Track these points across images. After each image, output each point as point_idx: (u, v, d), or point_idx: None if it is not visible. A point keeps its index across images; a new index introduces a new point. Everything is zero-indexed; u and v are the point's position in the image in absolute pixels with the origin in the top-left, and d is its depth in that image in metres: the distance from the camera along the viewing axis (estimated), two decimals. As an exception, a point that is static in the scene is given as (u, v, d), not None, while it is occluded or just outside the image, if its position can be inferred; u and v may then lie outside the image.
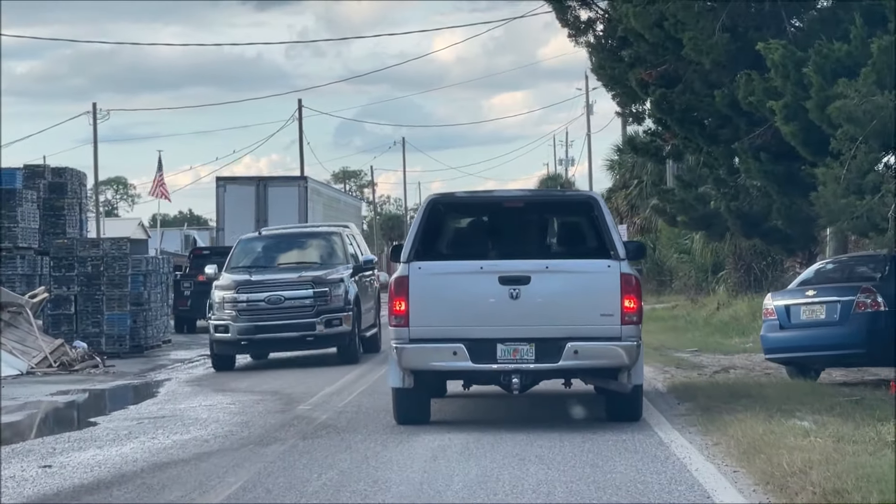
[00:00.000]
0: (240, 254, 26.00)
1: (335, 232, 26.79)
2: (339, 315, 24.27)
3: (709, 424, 14.28)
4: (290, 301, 24.13)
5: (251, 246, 26.34)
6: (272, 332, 24.21)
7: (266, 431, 15.12)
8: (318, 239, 26.55)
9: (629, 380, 14.65)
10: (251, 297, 24.23)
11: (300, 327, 24.13)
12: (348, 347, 24.60)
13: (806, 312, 19.40)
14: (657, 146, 23.18)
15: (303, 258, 25.93)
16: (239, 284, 24.37)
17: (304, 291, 24.25)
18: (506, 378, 14.57)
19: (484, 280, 14.50)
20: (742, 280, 39.53)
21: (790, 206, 19.58)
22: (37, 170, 33.07)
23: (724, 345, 28.18)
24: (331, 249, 25.95)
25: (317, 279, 24.41)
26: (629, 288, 14.43)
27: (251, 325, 24.17)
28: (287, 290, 24.24)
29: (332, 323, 24.21)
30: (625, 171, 56.66)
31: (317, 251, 26.17)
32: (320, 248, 26.20)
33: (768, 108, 17.69)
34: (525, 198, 16.24)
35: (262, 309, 24.16)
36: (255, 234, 28.16)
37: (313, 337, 24.29)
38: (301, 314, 24.09)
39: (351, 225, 29.05)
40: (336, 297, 24.30)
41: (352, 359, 24.47)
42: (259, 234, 27.82)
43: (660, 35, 19.42)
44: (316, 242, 26.50)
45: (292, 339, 24.33)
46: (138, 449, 14.06)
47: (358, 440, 14.06)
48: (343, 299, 24.40)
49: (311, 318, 24.10)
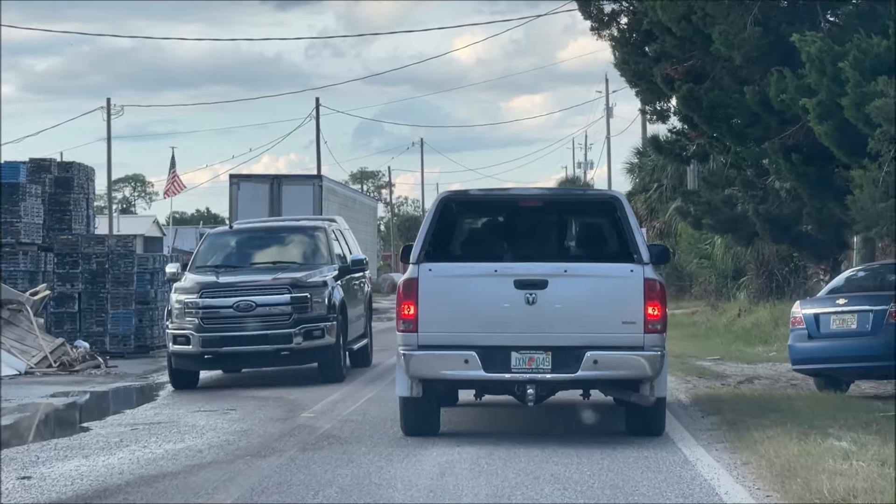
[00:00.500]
0: (207, 251, 22.43)
1: (318, 227, 22.93)
2: (321, 325, 20.60)
3: (737, 441, 13.39)
4: (264, 308, 20.46)
5: (221, 242, 22.81)
6: (241, 345, 20.46)
7: (265, 441, 14.24)
8: (299, 234, 22.83)
9: (652, 392, 13.78)
10: (217, 303, 20.51)
11: (274, 339, 20.45)
12: (331, 363, 20.98)
13: (836, 322, 18.70)
14: (682, 146, 22.29)
15: (280, 257, 22.42)
16: (203, 287, 20.66)
17: (279, 297, 20.56)
18: (520, 388, 13.74)
19: (498, 284, 13.67)
20: (764, 286, 39.08)
21: (821, 210, 18.72)
22: (42, 163, 32.19)
23: (747, 353, 27.53)
24: (314, 247, 22.36)
25: (295, 282, 20.75)
26: (653, 294, 13.57)
27: (216, 337, 20.39)
28: (260, 295, 20.54)
29: (312, 334, 20.52)
30: (644, 175, 56.03)
31: (297, 249, 22.55)
32: (301, 246, 22.55)
33: (801, 105, 16.82)
34: (543, 197, 15.31)
35: (230, 317, 20.42)
36: (225, 227, 24.69)
37: (290, 351, 20.55)
38: (276, 324, 20.44)
39: (338, 219, 25.14)
40: (318, 304, 20.63)
41: (335, 376, 20.94)
42: (230, 227, 24.21)
43: (687, 29, 18.54)
44: (296, 239, 22.76)
45: (265, 353, 20.61)
46: (126, 459, 13.19)
47: (361, 453, 13.18)
48: (326, 306, 20.73)
49: (287, 329, 20.41)
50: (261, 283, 20.76)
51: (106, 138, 70.52)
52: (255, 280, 20.92)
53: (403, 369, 13.79)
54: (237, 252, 22.39)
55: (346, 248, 23.39)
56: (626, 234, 14.18)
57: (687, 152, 22.62)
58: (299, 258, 22.14)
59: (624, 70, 21.59)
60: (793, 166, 18.38)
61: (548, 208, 15.51)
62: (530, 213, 15.45)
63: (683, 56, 19.72)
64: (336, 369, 20.95)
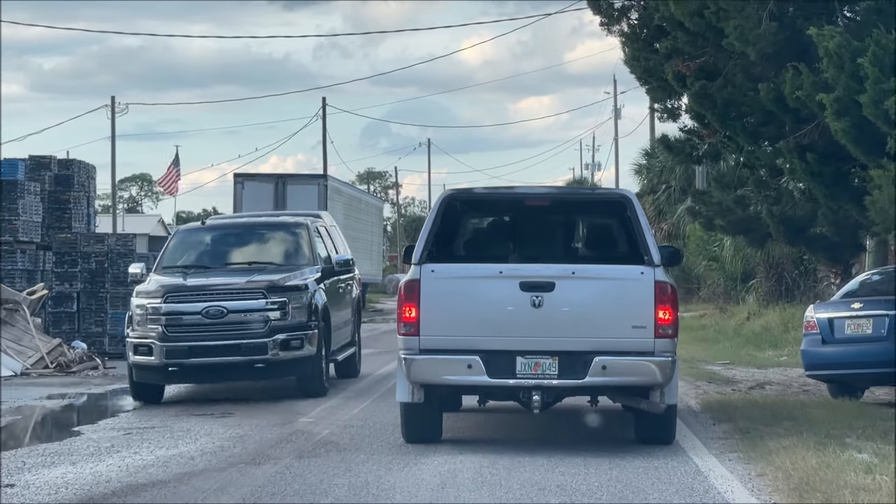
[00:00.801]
0: (175, 250, 20.15)
1: (300, 223, 20.50)
2: (301, 334, 18.42)
3: (750, 451, 12.86)
4: (236, 314, 18.24)
5: (191, 240, 20.49)
6: (210, 356, 18.22)
7: (260, 448, 13.72)
8: (279, 232, 20.61)
9: (662, 399, 13.26)
10: (183, 309, 18.31)
11: (248, 350, 18.24)
12: (312, 377, 18.73)
13: (851, 326, 18.24)
14: (693, 145, 21.74)
15: (257, 257, 20.16)
16: (168, 291, 18.44)
17: (253, 302, 18.32)
18: (525, 395, 13.21)
19: (503, 286, 13.16)
20: (773, 289, 38.77)
21: (837, 212, 18.19)
22: (42, 161, 31.90)
23: (758, 357, 27.10)
24: (295, 246, 20.12)
25: (272, 285, 18.53)
26: (664, 297, 13.05)
27: (182, 347, 18.20)
28: (232, 300, 18.32)
29: (290, 344, 18.35)
30: (653, 176, 55.58)
31: (276, 248, 20.33)
32: (281, 244, 20.34)
33: (817, 102, 16.29)
34: (550, 196, 14.78)
35: (198, 325, 18.24)
36: (196, 224, 22.14)
37: (265, 363, 18.32)
38: (249, 332, 18.25)
39: (324, 215, 22.82)
40: (297, 310, 18.46)
41: (316, 391, 18.73)
42: (202, 223, 21.75)
43: (700, 24, 18.00)
44: (275, 236, 20.55)
45: (237, 365, 18.34)
46: (115, 466, 12.67)
47: (359, 461, 12.66)
48: (306, 312, 18.56)
49: (262, 338, 18.21)
50: (233, 287, 18.55)
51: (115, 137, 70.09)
52: (227, 283, 18.70)
53: (404, 374, 13.28)
54: (209, 251, 20.21)
55: (332, 247, 21.24)
56: (636, 234, 13.67)
57: (698, 152, 22.08)
58: (278, 258, 20.01)
59: (634, 67, 21.05)
60: (808, 166, 17.86)
61: (555, 208, 14.99)
62: (537, 212, 14.96)
63: (695, 52, 19.18)
64: (317, 383, 18.77)
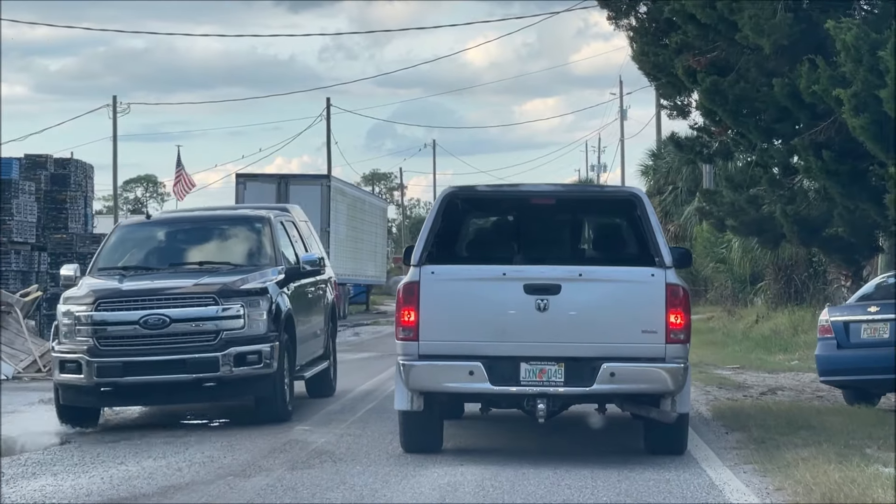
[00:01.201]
0: (115, 248, 17.40)
1: (261, 217, 17.66)
2: (259, 347, 15.57)
3: (767, 463, 12.23)
4: (181, 324, 15.49)
5: (134, 237, 17.65)
6: (150, 374, 15.43)
7: (252, 458, 13.09)
8: (236, 227, 17.74)
9: (673, 408, 12.64)
10: (117, 318, 15.54)
11: (195, 366, 15.41)
12: (272, 398, 15.93)
13: (867, 330, 17.70)
14: (703, 143, 21.11)
15: (210, 256, 17.27)
16: (100, 297, 15.69)
17: (202, 309, 15.55)
18: (530, 403, 12.59)
19: (507, 288, 12.54)
20: (782, 291, 38.42)
21: (854, 211, 17.58)
22: (38, 160, 31.49)
23: (768, 362, 26.65)
24: (255, 243, 17.31)
25: (224, 289, 15.69)
26: (676, 301, 12.44)
27: (116, 363, 15.44)
28: (176, 307, 15.55)
29: (246, 359, 15.52)
30: (659, 177, 55.36)
31: (233, 246, 17.51)
32: (238, 242, 17.52)
33: (834, 97, 15.68)
34: (557, 194, 14.12)
35: (135, 336, 15.49)
36: (140, 217, 18.76)
37: (216, 381, 15.52)
38: (197, 345, 15.50)
39: (294, 208, 19.93)
40: (254, 319, 15.65)
41: (277, 414, 16.00)
42: (147, 217, 18.54)
43: (712, 16, 17.39)
44: (232, 233, 17.68)
45: (182, 384, 15.55)
46: (98, 478, 12.05)
47: (355, 473, 12.03)
48: (265, 322, 15.72)
49: (212, 352, 15.43)
50: (178, 291, 15.76)
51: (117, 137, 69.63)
52: (171, 287, 15.90)
53: (403, 381, 12.66)
54: (154, 250, 17.43)
55: (301, 245, 18.45)
56: (646, 235, 13.06)
57: (709, 150, 21.45)
58: (235, 258, 17.14)
59: (642, 63, 20.43)
60: (824, 164, 17.25)
61: (562, 206, 14.37)
62: (542, 211, 14.35)
63: (707, 46, 18.57)
64: (278, 405, 15.98)
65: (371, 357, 27.34)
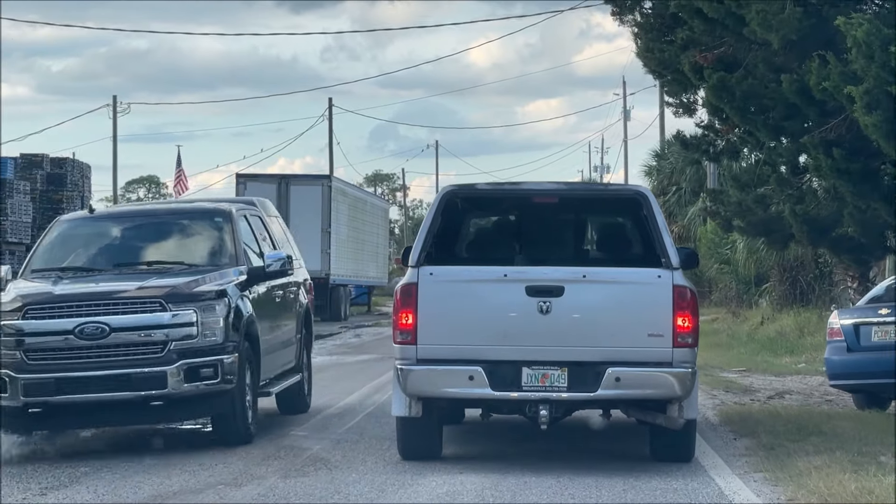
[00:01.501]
0: (52, 247, 15.31)
1: (220, 211, 15.52)
2: (215, 359, 13.48)
3: (778, 471, 11.81)
4: (123, 333, 13.31)
5: (74, 234, 15.51)
6: (86, 392, 13.27)
7: (244, 465, 12.65)
8: (191, 222, 15.64)
9: (681, 414, 12.22)
10: (49, 327, 13.38)
11: (140, 382, 13.24)
12: (231, 417, 13.88)
13: (878, 333, 17.43)
14: (710, 141, 20.70)
15: (161, 255, 15.13)
16: (29, 303, 13.54)
17: (148, 316, 13.38)
18: (532, 409, 12.18)
19: (508, 290, 12.12)
20: (787, 293, 38.25)
21: (865, 211, 17.17)
22: (34, 159, 31.23)
23: (774, 364, 26.34)
24: (213, 240, 15.21)
25: (174, 293, 13.57)
26: (683, 303, 12.02)
27: (48, 380, 13.25)
28: (117, 314, 13.36)
29: (199, 373, 13.41)
30: (663, 178, 55.16)
31: (187, 243, 15.40)
32: (194, 239, 15.43)
33: (846, 94, 15.25)
34: (560, 192, 13.66)
35: (69, 348, 13.34)
36: (83, 213, 16.71)
37: (164, 399, 13.37)
38: (141, 357, 13.31)
39: (261, 201, 17.62)
40: (210, 326, 13.53)
41: (235, 435, 13.96)
42: (90, 211, 16.45)
43: (720, 10, 16.97)
44: (186, 228, 15.56)
45: (125, 403, 13.37)
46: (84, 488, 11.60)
47: (351, 481, 11.61)
48: (222, 330, 13.57)
49: (159, 366, 13.29)
50: (120, 295, 13.56)
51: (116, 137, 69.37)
52: (112, 291, 13.70)
53: (400, 386, 12.23)
54: (97, 248, 15.23)
55: (268, 243, 16.33)
56: (652, 234, 12.64)
57: (715, 148, 21.04)
58: (190, 257, 15.02)
59: (647, 59, 20.01)
60: (834, 162, 16.84)
61: (565, 205, 13.93)
62: (545, 210, 13.93)
63: (714, 42, 18.15)
64: (237, 426, 13.95)
65: (371, 359, 26.97)
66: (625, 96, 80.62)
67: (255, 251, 15.58)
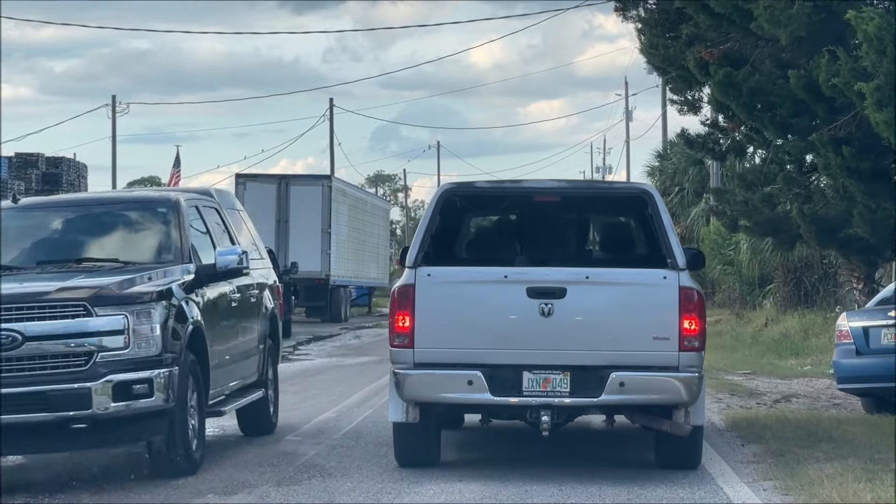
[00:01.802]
0: None
1: (166, 200, 13.44)
2: (149, 374, 11.36)
3: (788, 479, 11.41)
4: (38, 343, 11.24)
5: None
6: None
7: (236, 471, 12.25)
8: (132, 214, 13.52)
9: (687, 420, 11.83)
10: None
11: (57, 401, 11.15)
12: (170, 442, 11.75)
13: (888, 336, 17.06)
14: (715, 139, 20.33)
15: (94, 251, 13.06)
16: None
17: (68, 322, 11.31)
18: (533, 414, 11.78)
19: (509, 291, 11.73)
20: (791, 294, 38.04)
21: (875, 211, 16.79)
22: (29, 159, 30.92)
23: (780, 367, 26.01)
24: (157, 235, 13.18)
25: (100, 295, 11.43)
26: (690, 305, 11.65)
27: None
28: (32, 320, 11.29)
29: (130, 391, 11.30)
30: (665, 178, 55.02)
31: (126, 238, 13.36)
32: (134, 233, 13.40)
33: (856, 90, 14.88)
34: (562, 190, 13.25)
35: None
36: (7, 203, 13.88)
37: (88, 421, 11.26)
38: (60, 372, 11.24)
39: (223, 193, 15.64)
40: (144, 335, 11.41)
41: (174, 465, 11.86)
42: (14, 201, 13.85)
43: (726, 5, 16.60)
44: (126, 221, 13.48)
45: (40, 426, 11.27)
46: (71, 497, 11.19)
47: (345, 490, 11.22)
48: (159, 339, 11.48)
49: (82, 382, 11.18)
50: (36, 299, 11.42)
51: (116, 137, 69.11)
52: (28, 293, 11.57)
53: (397, 391, 11.84)
54: (18, 244, 13.13)
55: (227, 240, 14.28)
56: (658, 234, 12.24)
57: (720, 147, 20.67)
58: (127, 253, 12.99)
59: (651, 56, 19.67)
60: (843, 161, 16.48)
61: (567, 204, 13.57)
62: (547, 209, 13.57)
63: (720, 38, 17.81)
64: (176, 453, 11.82)
65: (371, 361, 26.59)
66: (627, 96, 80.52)
67: (210, 248, 13.49)
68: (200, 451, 12.29)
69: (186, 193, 14.08)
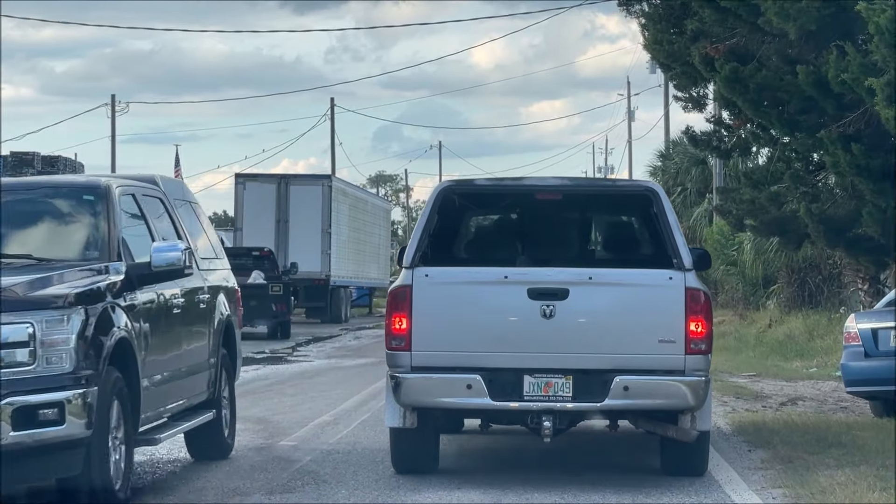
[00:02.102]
0: None
1: (94, 187, 11.22)
2: (59, 396, 9.22)
3: (798, 487, 11.04)
4: None
5: None
6: None
7: (228, 479, 11.87)
8: (53, 203, 11.29)
9: (693, 425, 11.47)
10: None
11: None
12: (86, 476, 9.53)
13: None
14: (720, 137, 19.95)
15: (3, 246, 10.61)
16: None
17: None
18: (534, 420, 11.41)
19: (509, 293, 11.36)
20: (795, 295, 37.77)
21: (885, 210, 16.40)
22: (24, 157, 30.57)
23: (785, 369, 25.78)
24: (83, 228, 11.00)
25: (6, 300, 9.34)
26: (697, 307, 11.30)
27: None
28: None
29: (35, 417, 9.17)
30: (667, 178, 54.78)
31: (45, 231, 11.16)
32: (54, 226, 11.22)
33: (866, 86, 14.50)
34: (564, 188, 12.88)
35: None
36: None
37: None
38: None
39: (171, 182, 13.47)
40: (54, 348, 9.32)
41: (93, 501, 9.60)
42: None
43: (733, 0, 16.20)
44: (46, 211, 11.21)
45: None
46: None
47: (340, 497, 10.86)
48: (74, 352, 9.35)
49: None
50: None
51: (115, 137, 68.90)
52: None
53: (394, 395, 11.46)
54: None
55: (171, 234, 12.18)
56: (663, 233, 11.89)
57: (726, 144, 20.30)
58: (42, 249, 10.82)
59: (656, 52, 19.29)
60: (853, 158, 16.08)
61: (570, 202, 13.21)
62: (548, 207, 13.19)
63: (726, 33, 17.43)
64: (93, 492, 9.61)
65: (370, 363, 26.26)
66: (629, 96, 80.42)
67: (147, 244, 11.30)
68: (125, 492, 10.02)
69: (122, 179, 11.99)
